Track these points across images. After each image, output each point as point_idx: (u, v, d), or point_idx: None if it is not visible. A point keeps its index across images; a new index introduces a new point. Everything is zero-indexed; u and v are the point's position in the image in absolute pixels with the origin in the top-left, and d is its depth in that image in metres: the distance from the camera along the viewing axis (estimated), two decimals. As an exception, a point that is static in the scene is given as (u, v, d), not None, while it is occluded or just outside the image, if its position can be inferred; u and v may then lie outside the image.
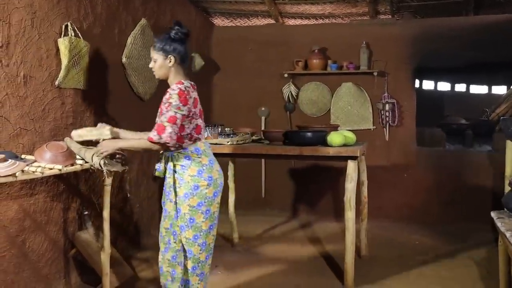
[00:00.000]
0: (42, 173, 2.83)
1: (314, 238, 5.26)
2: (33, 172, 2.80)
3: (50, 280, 3.59)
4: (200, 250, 3.03)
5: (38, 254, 3.48)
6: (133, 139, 3.17)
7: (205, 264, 3.09)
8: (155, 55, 3.05)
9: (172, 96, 2.90)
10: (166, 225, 3.11)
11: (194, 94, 3.03)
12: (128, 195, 4.60)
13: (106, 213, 3.37)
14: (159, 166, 3.10)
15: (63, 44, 3.51)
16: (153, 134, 2.87)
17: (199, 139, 3.04)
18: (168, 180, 3.07)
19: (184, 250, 3.07)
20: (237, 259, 4.45)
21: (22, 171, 2.72)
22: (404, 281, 4.00)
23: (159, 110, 2.98)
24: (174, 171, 3.02)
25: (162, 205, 3.15)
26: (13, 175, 2.63)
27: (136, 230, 4.74)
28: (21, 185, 3.29)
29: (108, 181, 3.33)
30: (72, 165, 3.07)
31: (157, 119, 2.97)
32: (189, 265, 3.07)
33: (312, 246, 4.98)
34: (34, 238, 3.44)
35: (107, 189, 3.34)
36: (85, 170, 3.38)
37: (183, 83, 3.00)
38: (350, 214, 3.86)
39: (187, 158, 3.00)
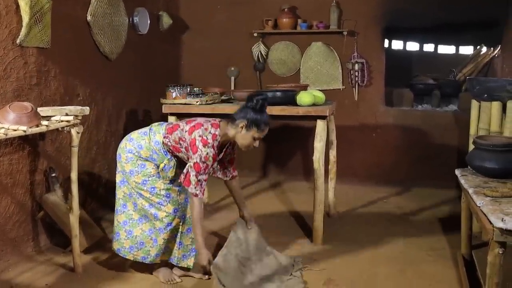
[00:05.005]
0: (6, 134, 2.77)
1: (284, 197, 5.32)
2: (-4, 133, 2.74)
3: (18, 243, 3.57)
4: None
5: (4, 217, 3.43)
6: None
7: None
8: None
9: None
10: (169, 210, 3.20)
11: None
12: None
13: (74, 175, 3.33)
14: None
15: (23, 0, 3.37)
16: None
17: None
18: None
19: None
20: (207, 220, 4.48)
21: (-15, 132, 2.65)
22: (371, 238, 4.11)
23: (233, 157, 3.50)
24: None
25: (181, 188, 3.23)
26: (-25, 136, 2.57)
27: (106, 192, 4.71)
28: (-15, 147, 3.21)
29: (75, 142, 3.28)
30: (37, 126, 3.00)
31: (234, 164, 3.54)
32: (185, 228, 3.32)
33: (281, 205, 5.04)
34: (0, 201, 3.38)
35: (74, 150, 3.30)
36: (51, 131, 3.33)
37: None
38: (319, 174, 3.91)
39: None
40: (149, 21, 5.28)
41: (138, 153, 3.16)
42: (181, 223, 3.26)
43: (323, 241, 3.97)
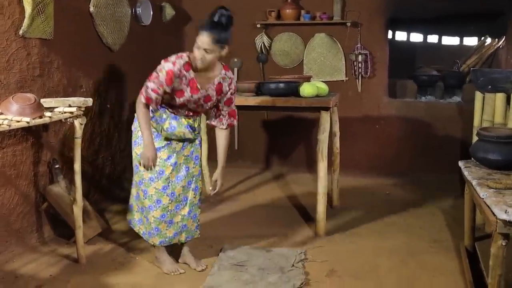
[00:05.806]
0: (9, 125, 2.77)
1: (287, 189, 5.33)
2: (0, 125, 2.74)
3: (22, 234, 3.58)
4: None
5: (8, 208, 3.44)
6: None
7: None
8: (211, 47, 3.03)
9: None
10: (184, 183, 3.27)
11: None
12: None
13: (77, 166, 3.34)
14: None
15: (25, -9, 3.36)
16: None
17: None
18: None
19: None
20: (211, 211, 4.49)
21: (-12, 124, 2.65)
22: (374, 229, 4.11)
23: (229, 97, 3.26)
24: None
25: (174, 166, 3.22)
26: (-21, 128, 2.57)
27: (109, 183, 4.72)
28: (-12, 139, 3.22)
29: (79, 133, 3.28)
30: (40, 117, 3.01)
31: (232, 106, 3.31)
32: (186, 211, 3.32)
33: (284, 196, 5.04)
34: (4, 193, 3.40)
35: (78, 141, 3.30)
36: (54, 122, 3.33)
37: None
38: (322, 165, 3.91)
39: None
40: (152, 12, 5.26)
41: None
42: (170, 202, 3.22)
43: (326, 232, 3.98)
